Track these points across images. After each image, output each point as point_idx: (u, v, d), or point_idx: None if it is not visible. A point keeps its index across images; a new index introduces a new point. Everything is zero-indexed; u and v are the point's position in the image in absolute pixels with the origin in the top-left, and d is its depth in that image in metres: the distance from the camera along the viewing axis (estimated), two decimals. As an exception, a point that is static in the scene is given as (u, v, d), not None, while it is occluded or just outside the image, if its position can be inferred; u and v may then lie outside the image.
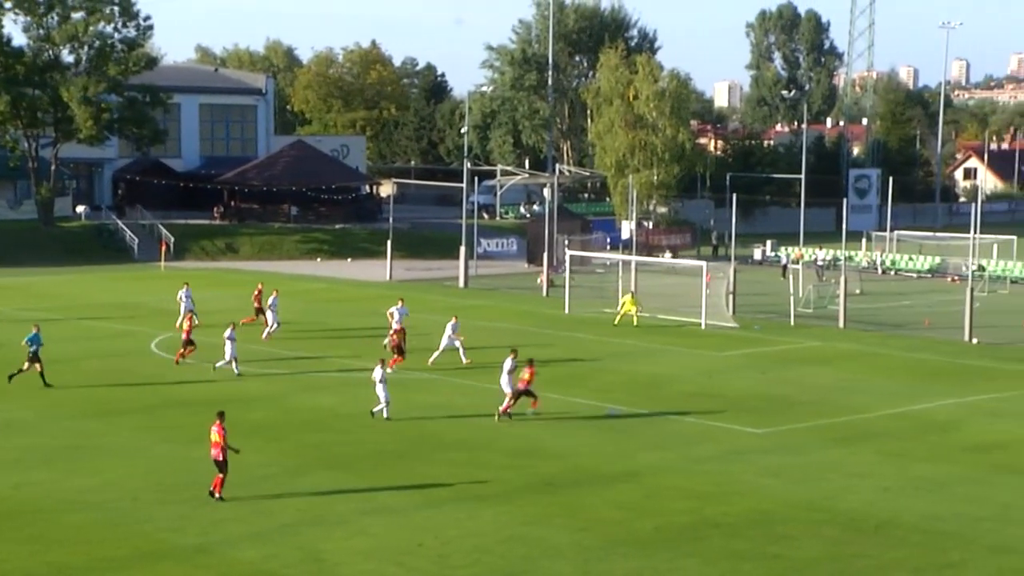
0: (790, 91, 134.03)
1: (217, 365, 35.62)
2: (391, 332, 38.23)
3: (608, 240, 73.31)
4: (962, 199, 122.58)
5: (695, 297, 46.74)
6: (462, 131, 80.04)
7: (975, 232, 47.58)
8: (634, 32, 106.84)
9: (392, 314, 40.04)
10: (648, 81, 76.26)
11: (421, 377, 35.79)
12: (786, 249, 72.51)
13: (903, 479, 25.11)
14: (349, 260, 71.97)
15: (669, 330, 45.33)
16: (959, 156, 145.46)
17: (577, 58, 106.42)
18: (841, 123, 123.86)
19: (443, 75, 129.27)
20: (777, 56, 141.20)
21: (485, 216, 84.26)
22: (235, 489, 23.31)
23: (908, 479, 25.12)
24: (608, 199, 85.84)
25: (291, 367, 37.12)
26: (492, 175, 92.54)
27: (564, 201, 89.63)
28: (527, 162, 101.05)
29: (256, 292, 44.99)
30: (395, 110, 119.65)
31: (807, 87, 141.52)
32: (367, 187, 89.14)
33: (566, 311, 49.66)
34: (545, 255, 59.31)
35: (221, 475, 23.16)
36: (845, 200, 57.59)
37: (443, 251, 70.47)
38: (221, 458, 23.10)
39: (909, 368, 38.36)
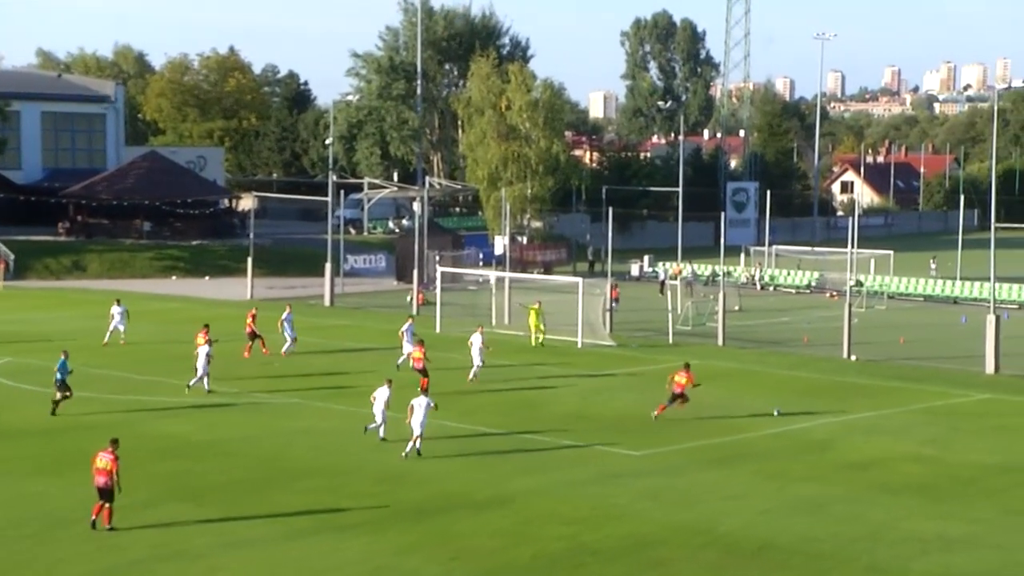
0: (666, 102, 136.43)
1: (191, 384, 35.98)
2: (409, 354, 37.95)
3: (481, 256, 73.45)
4: (840, 213, 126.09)
5: (571, 315, 47.04)
6: (327, 142, 79.51)
7: (852, 247, 48.87)
8: (506, 40, 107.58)
9: (403, 335, 40.52)
10: (521, 91, 76.77)
11: (282, 402, 35.29)
12: (664, 264, 73.61)
13: (782, 500, 25.56)
14: (207, 278, 70.81)
15: (545, 349, 45.51)
16: (836, 169, 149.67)
17: (447, 66, 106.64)
18: (718, 135, 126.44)
19: (306, 83, 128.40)
20: (653, 66, 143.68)
21: (352, 231, 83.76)
22: (79, 525, 22.60)
23: (787, 500, 25.58)
24: (480, 213, 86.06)
25: (142, 391, 36.27)
26: (359, 188, 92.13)
27: (434, 215, 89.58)
28: (396, 175, 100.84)
29: (250, 318, 43.33)
30: (255, 120, 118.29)
31: (683, 98, 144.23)
32: (226, 201, 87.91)
33: (437, 330, 49.51)
34: (415, 272, 59.13)
35: (108, 504, 22.62)
36: (723, 214, 58.66)
37: (307, 268, 69.76)
38: (108, 486, 22.59)
39: (787, 386, 39.14)
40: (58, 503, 24.41)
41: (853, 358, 44.71)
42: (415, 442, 28.60)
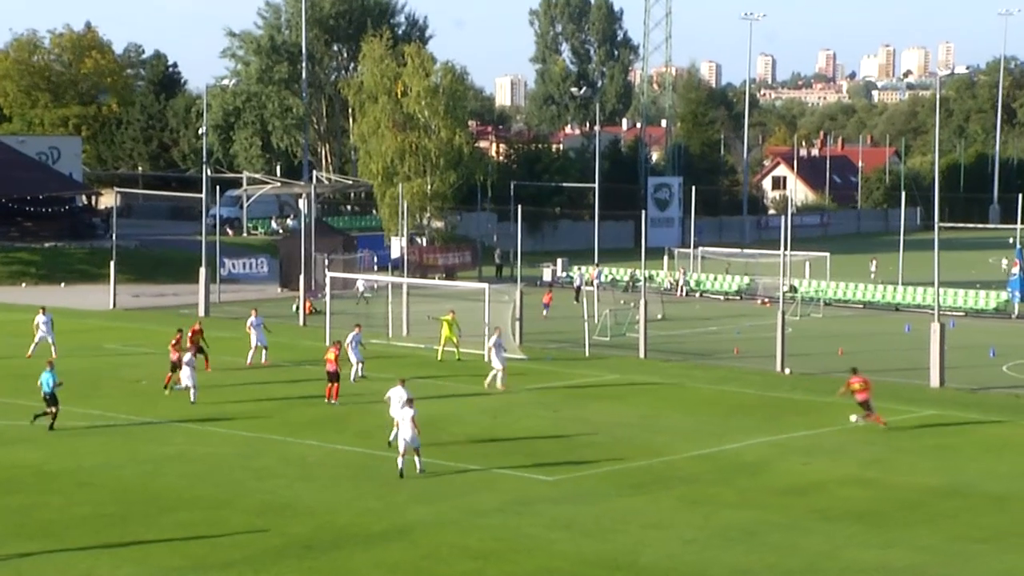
0: (580, 88, 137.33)
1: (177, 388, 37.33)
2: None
3: (375, 259, 73.20)
4: (771, 211, 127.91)
5: (477, 325, 47.04)
6: (200, 132, 78.77)
7: (786, 249, 49.56)
8: (401, 19, 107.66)
9: (348, 347, 40.99)
10: (419, 75, 76.72)
11: (150, 423, 34.81)
12: (579, 269, 74.01)
13: (709, 529, 25.78)
14: (62, 285, 69.74)
15: (447, 364, 45.45)
16: (767, 163, 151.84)
17: (336, 47, 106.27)
18: (638, 125, 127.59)
19: (175, 65, 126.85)
20: (565, 48, 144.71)
21: (229, 232, 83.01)
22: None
23: (715, 528, 25.80)
24: (375, 212, 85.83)
25: (-13, 416, 35.53)
26: (237, 184, 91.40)
27: (323, 214, 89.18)
28: (279, 168, 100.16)
29: (191, 333, 42.51)
30: (117, 106, 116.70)
31: (599, 83, 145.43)
32: (84, 198, 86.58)
33: (327, 342, 49.16)
34: (302, 278, 58.75)
35: None
36: (644, 212, 59.13)
37: (179, 274, 68.97)
38: None
39: (716, 403, 39.54)
40: None
41: (787, 371, 45.29)
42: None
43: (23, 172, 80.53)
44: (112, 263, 62.33)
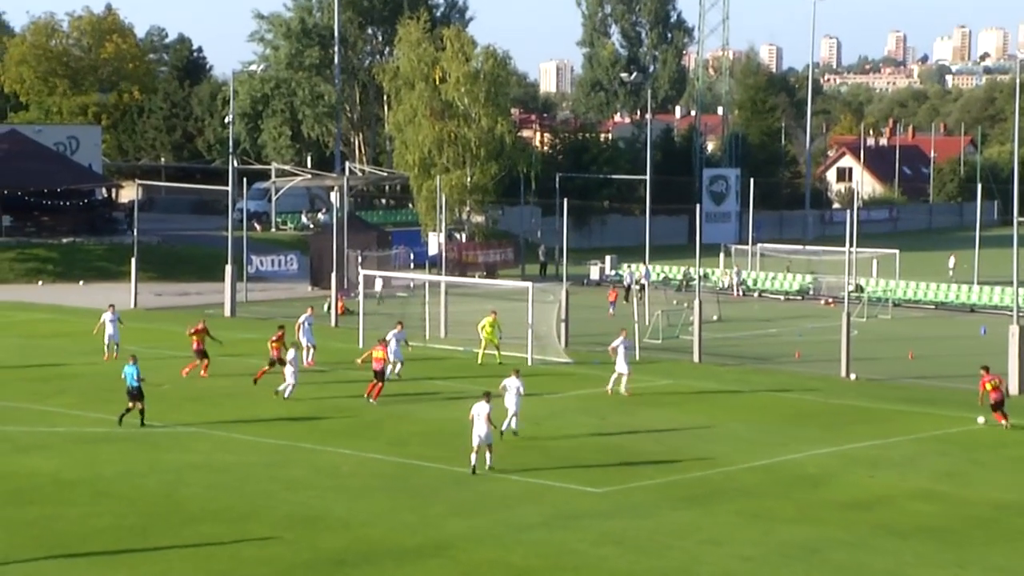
0: (631, 73, 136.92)
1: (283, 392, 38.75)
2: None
3: (412, 257, 73.40)
4: (836, 205, 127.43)
5: (520, 326, 47.08)
6: (226, 120, 79.15)
7: (851, 245, 49.33)
8: (440, 0, 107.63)
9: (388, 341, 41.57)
10: (458, 60, 76.83)
11: (174, 430, 35.05)
12: (629, 267, 73.94)
13: (768, 545, 25.71)
14: (81, 283, 70.31)
15: (487, 366, 45.50)
16: (831, 154, 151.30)
17: (370, 30, 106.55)
18: (692, 113, 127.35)
19: (200, 50, 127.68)
20: (615, 31, 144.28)
21: (257, 227, 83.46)
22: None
23: (774, 545, 25.73)
24: (411, 206, 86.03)
25: (2, 420, 35.85)
26: (266, 176, 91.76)
27: (356, 208, 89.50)
28: (309, 160, 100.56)
29: (195, 332, 43.30)
30: (139, 93, 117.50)
31: (651, 69, 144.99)
32: (103, 190, 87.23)
33: (360, 344, 49.34)
34: (334, 276, 58.99)
35: None
36: (699, 207, 58.97)
37: (203, 271, 69.38)
38: None
39: (775, 410, 39.41)
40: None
41: (853, 377, 45.10)
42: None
43: (40, 163, 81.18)
44: (133, 260, 62.78)
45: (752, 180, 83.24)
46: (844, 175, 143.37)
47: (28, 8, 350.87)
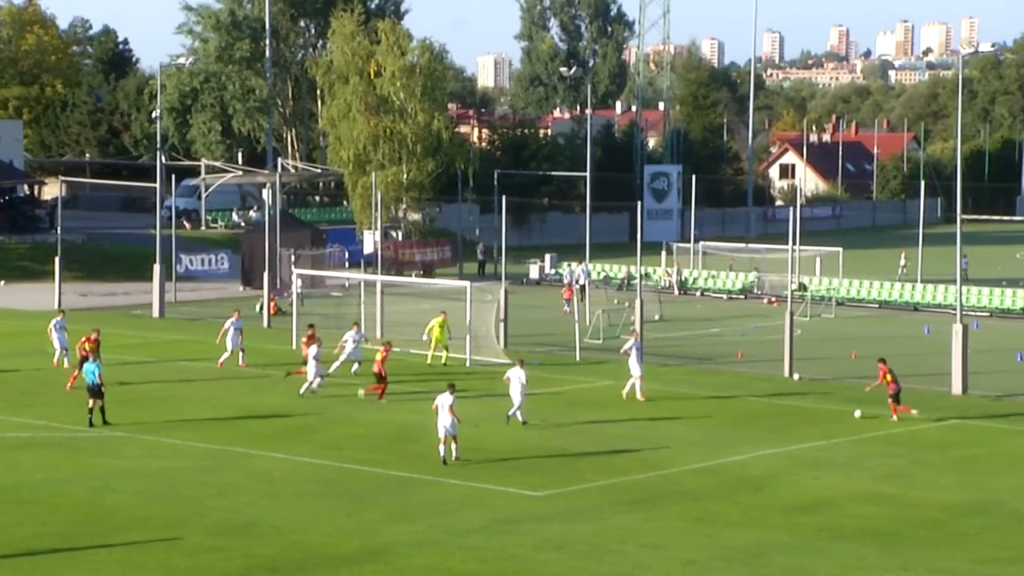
0: (570, 68, 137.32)
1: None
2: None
3: (347, 255, 73.16)
4: (779, 202, 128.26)
5: (458, 327, 47.09)
6: (153, 115, 78.51)
7: (794, 243, 49.67)
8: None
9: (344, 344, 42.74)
10: (394, 54, 76.70)
11: (99, 435, 34.76)
12: (570, 265, 74.09)
13: (712, 549, 25.84)
14: (2, 283, 69.65)
15: (424, 369, 45.46)
16: (774, 150, 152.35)
17: (303, 23, 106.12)
18: (633, 108, 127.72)
19: (126, 42, 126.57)
20: (554, 24, 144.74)
21: (187, 225, 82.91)
22: None
23: (718, 549, 25.87)
24: (346, 203, 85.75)
25: (-79, 427, 35.46)
26: (195, 172, 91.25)
27: (289, 206, 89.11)
28: (241, 156, 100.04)
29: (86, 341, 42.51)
30: (62, 87, 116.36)
31: (591, 63, 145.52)
32: (25, 187, 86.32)
33: (294, 346, 49.15)
34: (266, 275, 58.71)
35: None
36: (640, 204, 59.21)
37: (131, 271, 68.81)
38: None
39: (718, 411, 39.62)
40: None
41: (796, 377, 45.39)
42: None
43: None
44: (57, 259, 62.14)
45: (694, 177, 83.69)
46: (787, 172, 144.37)
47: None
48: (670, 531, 26.95)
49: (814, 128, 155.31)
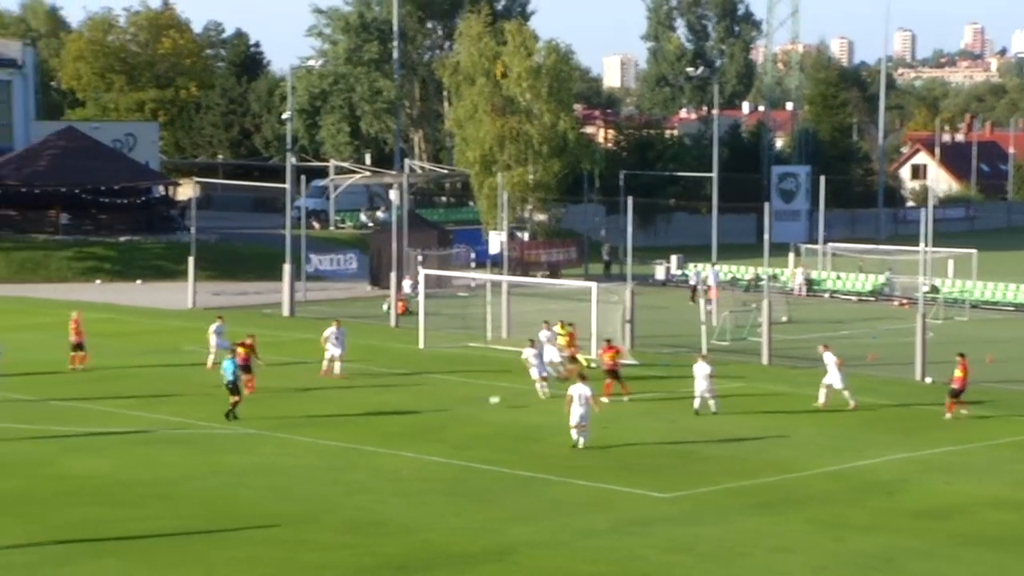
0: (697, 68, 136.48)
1: None
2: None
3: (473, 256, 73.46)
4: (910, 203, 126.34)
5: (583, 327, 47.02)
6: (284, 117, 79.50)
7: (926, 245, 48.89)
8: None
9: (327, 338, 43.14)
10: (520, 54, 76.88)
11: (231, 432, 35.30)
12: (696, 266, 73.69)
13: (841, 554, 25.55)
14: (138, 282, 70.94)
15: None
16: (905, 150, 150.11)
17: (430, 25, 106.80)
18: (761, 108, 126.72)
19: (258, 45, 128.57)
20: (681, 24, 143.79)
21: (315, 225, 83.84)
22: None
23: (847, 554, 25.57)
24: (472, 204, 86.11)
25: (57, 421, 36.25)
26: (324, 173, 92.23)
27: (416, 206, 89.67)
28: (368, 157, 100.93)
29: (74, 324, 44.82)
30: (196, 89, 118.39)
31: (718, 63, 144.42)
32: (161, 188, 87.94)
33: (421, 345, 49.50)
34: (393, 275, 59.16)
35: None
36: (767, 205, 58.66)
37: (261, 270, 69.75)
38: None
39: (848, 414, 39.15)
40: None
41: (928, 380, 44.72)
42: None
43: (97, 161, 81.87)
44: (191, 258, 63.22)
45: (823, 177, 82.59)
46: (919, 172, 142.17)
47: (85, 4, 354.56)
48: (799, 535, 26.70)
49: (947, 128, 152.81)
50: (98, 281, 71.58)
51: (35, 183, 78.44)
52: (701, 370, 38.34)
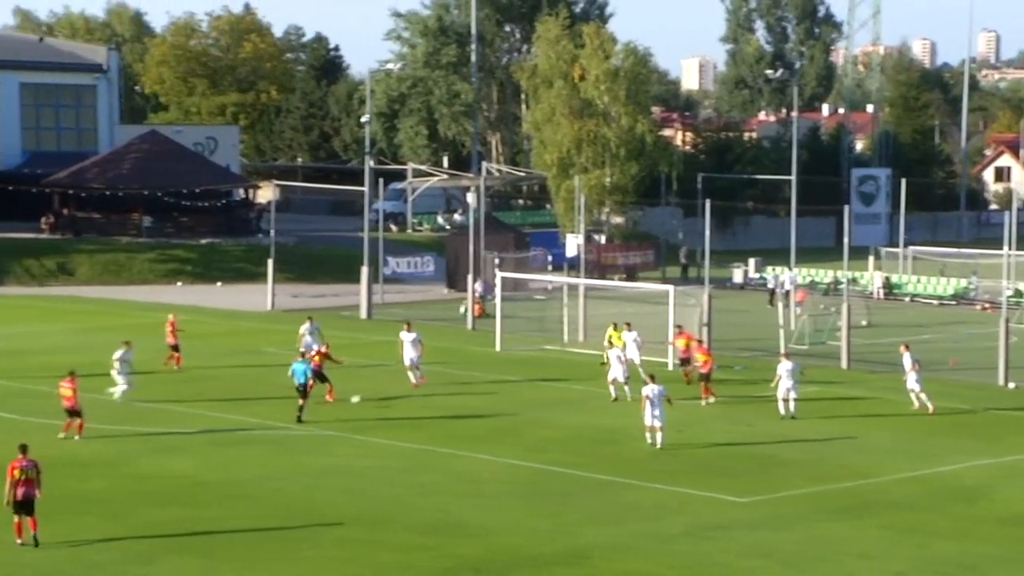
0: (776, 70, 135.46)
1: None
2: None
3: (550, 258, 73.41)
4: (993, 206, 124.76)
5: (661, 330, 46.83)
6: (363, 120, 79.92)
7: (1010, 248, 48.27)
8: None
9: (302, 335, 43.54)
10: (598, 57, 76.77)
11: (310, 434, 35.50)
12: (774, 270, 73.20)
13: (922, 560, 25.29)
14: (219, 284, 71.50)
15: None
16: (989, 152, 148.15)
17: (508, 28, 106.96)
18: (841, 111, 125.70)
19: (337, 49, 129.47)
20: (760, 26, 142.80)
21: (393, 228, 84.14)
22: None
23: (928, 560, 25.30)
24: (549, 206, 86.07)
25: (140, 422, 36.63)
26: (402, 176, 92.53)
27: (493, 209, 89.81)
28: (446, 159, 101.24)
29: (170, 326, 45.72)
30: (276, 93, 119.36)
31: (798, 65, 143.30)
32: (241, 191, 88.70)
33: (497, 348, 49.52)
34: (470, 277, 59.26)
35: (31, 517, 24.75)
36: (847, 208, 58.11)
37: (340, 273, 70.09)
38: (31, 497, 24.87)
39: (929, 419, 38.75)
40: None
41: (1011, 385, 44.16)
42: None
43: (179, 164, 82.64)
44: (270, 261, 63.68)
45: (904, 180, 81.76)
46: (1002, 175, 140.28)
47: (168, 9, 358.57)
48: (879, 541, 26.44)
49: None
50: (179, 283, 72.26)
51: (118, 186, 79.36)
52: (785, 368, 38.43)
